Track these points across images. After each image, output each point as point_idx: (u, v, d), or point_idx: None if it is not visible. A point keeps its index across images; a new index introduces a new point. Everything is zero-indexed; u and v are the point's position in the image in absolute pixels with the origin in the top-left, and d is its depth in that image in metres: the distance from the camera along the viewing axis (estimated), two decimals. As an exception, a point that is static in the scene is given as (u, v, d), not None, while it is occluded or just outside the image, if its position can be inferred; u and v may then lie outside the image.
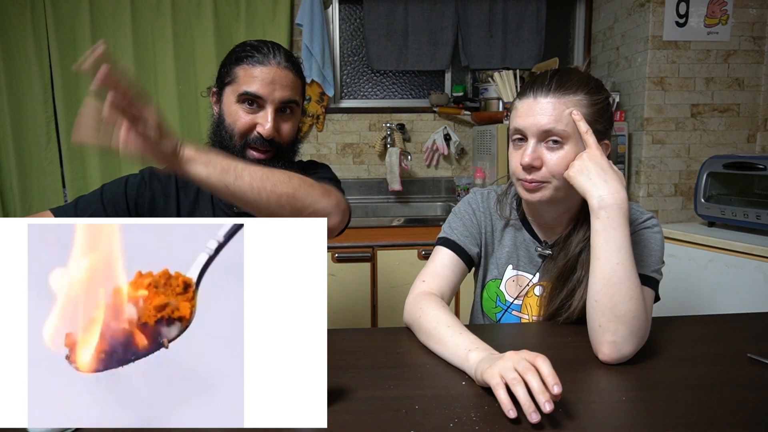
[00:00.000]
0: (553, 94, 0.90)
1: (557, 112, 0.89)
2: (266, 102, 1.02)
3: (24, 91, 2.50)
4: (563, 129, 0.89)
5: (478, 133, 2.68)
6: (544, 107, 0.90)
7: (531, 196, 0.95)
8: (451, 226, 1.08)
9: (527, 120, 0.92)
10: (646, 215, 0.99)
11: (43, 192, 2.57)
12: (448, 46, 2.76)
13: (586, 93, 0.91)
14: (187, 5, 2.54)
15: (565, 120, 0.89)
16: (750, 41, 2.33)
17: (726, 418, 0.65)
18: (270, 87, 1.01)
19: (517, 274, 1.06)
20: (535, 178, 0.93)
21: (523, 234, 1.06)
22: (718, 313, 1.38)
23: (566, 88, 0.90)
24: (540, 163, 0.92)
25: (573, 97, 0.90)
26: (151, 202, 1.09)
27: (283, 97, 1.02)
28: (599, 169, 0.85)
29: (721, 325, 1.02)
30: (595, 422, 0.64)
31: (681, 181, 2.39)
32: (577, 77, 0.93)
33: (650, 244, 0.95)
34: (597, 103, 0.92)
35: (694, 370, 0.80)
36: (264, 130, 1.01)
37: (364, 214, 2.66)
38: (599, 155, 0.87)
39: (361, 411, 0.68)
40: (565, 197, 0.95)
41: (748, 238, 1.88)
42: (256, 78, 1.01)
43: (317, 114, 2.73)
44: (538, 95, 0.91)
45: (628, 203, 0.85)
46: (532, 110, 0.91)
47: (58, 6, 2.44)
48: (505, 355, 0.70)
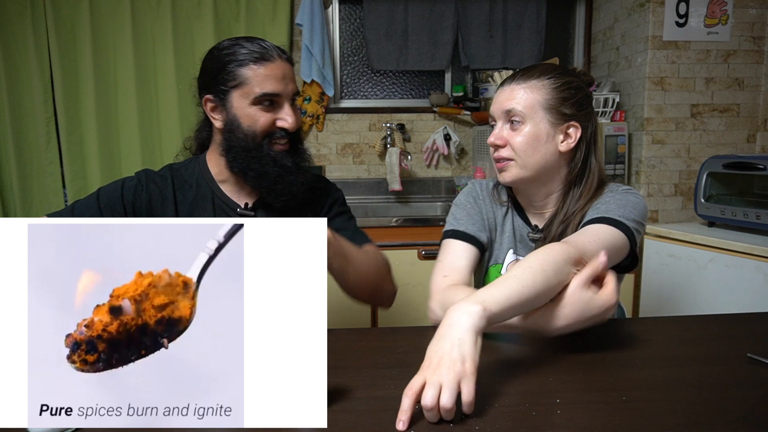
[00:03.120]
0: (517, 81, 1.03)
1: (517, 94, 1.01)
2: (282, 98, 1.04)
3: (24, 91, 2.50)
4: (520, 110, 1.00)
5: (478, 133, 2.68)
6: (508, 93, 1.02)
7: (501, 177, 1.06)
8: (456, 217, 1.10)
9: (494, 106, 1.05)
10: (630, 190, 1.05)
11: (43, 192, 2.57)
12: (448, 46, 2.76)
13: (548, 78, 1.01)
14: (187, 5, 2.54)
15: (524, 101, 1.00)
16: (750, 41, 2.33)
17: (726, 418, 0.65)
18: (283, 83, 1.03)
19: (516, 258, 1.09)
20: (501, 155, 1.03)
21: (518, 220, 1.11)
22: (718, 313, 1.38)
23: (529, 75, 1.02)
24: (503, 141, 1.03)
25: (537, 82, 1.01)
26: (148, 204, 1.07)
27: (294, 90, 1.06)
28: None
29: (721, 325, 1.02)
30: (596, 422, 0.64)
31: (681, 181, 2.39)
32: (543, 66, 1.04)
33: (625, 199, 1.00)
34: (561, 87, 1.01)
35: (694, 370, 0.80)
36: (288, 125, 1.04)
37: (364, 214, 2.66)
38: None
39: (361, 411, 0.68)
40: (536, 178, 1.03)
41: (747, 238, 1.88)
42: (269, 77, 1.01)
43: (317, 114, 2.73)
44: (506, 84, 1.05)
45: None
46: (499, 98, 1.04)
47: (58, 6, 2.44)
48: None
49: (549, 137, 1.01)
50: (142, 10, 2.51)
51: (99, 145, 2.53)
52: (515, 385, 0.75)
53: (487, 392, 0.72)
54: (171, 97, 2.56)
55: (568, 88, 1.02)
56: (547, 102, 1.00)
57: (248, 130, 1.03)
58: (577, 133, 1.02)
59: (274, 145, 1.05)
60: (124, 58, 2.51)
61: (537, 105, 1.00)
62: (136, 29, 2.51)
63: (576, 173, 1.04)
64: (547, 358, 0.84)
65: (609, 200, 1.00)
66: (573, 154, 1.04)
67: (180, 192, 1.10)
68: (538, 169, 1.02)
